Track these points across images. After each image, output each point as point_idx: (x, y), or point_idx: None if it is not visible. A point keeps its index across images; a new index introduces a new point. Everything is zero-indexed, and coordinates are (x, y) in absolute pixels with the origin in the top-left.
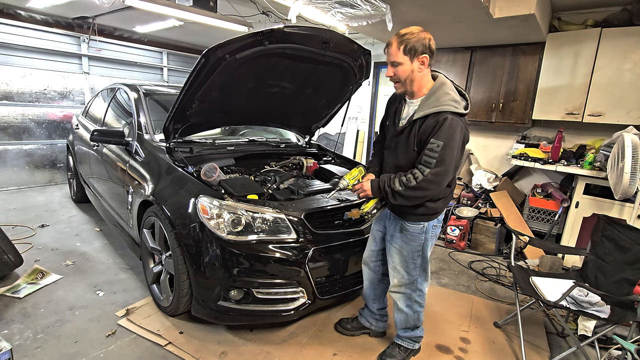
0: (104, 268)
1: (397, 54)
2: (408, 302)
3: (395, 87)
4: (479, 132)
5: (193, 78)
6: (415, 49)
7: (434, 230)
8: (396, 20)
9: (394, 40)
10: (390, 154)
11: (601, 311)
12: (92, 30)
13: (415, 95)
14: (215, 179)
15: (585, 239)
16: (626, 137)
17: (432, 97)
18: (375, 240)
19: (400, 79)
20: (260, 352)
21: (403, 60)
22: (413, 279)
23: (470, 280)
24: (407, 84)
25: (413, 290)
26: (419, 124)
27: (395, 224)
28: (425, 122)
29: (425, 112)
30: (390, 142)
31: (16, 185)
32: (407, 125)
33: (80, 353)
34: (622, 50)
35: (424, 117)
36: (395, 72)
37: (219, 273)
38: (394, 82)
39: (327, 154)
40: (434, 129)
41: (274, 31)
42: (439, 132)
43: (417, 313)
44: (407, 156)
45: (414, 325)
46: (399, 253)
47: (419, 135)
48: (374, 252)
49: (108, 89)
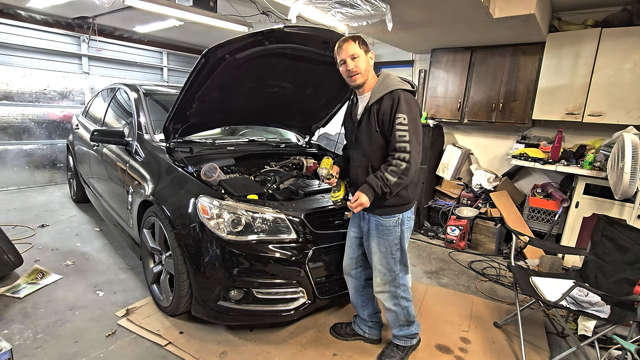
0: (104, 268)
1: (355, 47)
2: (394, 299)
3: (355, 79)
4: (479, 132)
5: (193, 78)
6: (366, 45)
7: (408, 222)
8: (396, 20)
9: (347, 40)
10: (355, 150)
11: (601, 311)
12: (92, 30)
13: (366, 88)
14: (215, 179)
15: (585, 239)
16: (626, 137)
17: (381, 85)
18: (352, 246)
19: (360, 69)
20: (260, 352)
21: (360, 52)
22: (395, 275)
23: (470, 280)
24: (365, 73)
25: (397, 286)
26: (375, 107)
27: (370, 223)
28: (382, 103)
29: (380, 95)
30: (351, 139)
31: (16, 185)
32: (364, 113)
33: (80, 353)
34: (622, 50)
35: (379, 100)
36: (357, 64)
37: (219, 273)
38: (353, 74)
39: (327, 154)
40: (392, 106)
41: (274, 31)
42: (398, 106)
43: (405, 309)
44: (371, 140)
45: (407, 321)
46: (378, 250)
47: (379, 116)
48: (353, 260)
49: (108, 89)
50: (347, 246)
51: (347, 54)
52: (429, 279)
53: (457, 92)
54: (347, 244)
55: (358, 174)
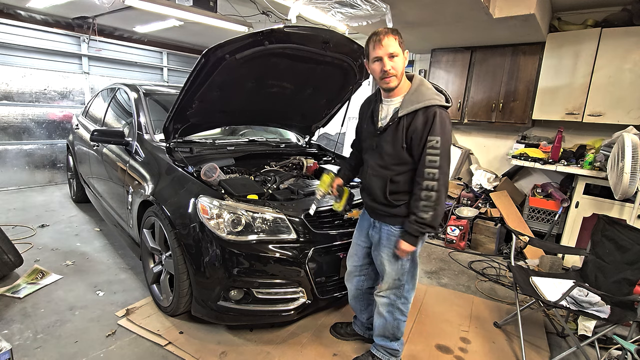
0: (104, 268)
1: (395, 44)
2: (390, 308)
3: (389, 82)
4: (479, 132)
5: (193, 78)
6: (404, 42)
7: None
8: (396, 20)
9: (388, 34)
10: (372, 157)
11: (601, 311)
12: (92, 30)
13: (396, 92)
14: (215, 179)
15: (585, 239)
16: (626, 137)
17: (415, 93)
18: (358, 254)
19: (398, 71)
20: (260, 352)
21: (399, 51)
22: (400, 284)
23: (470, 280)
24: (401, 76)
25: (398, 297)
26: (406, 120)
27: (381, 232)
28: (415, 118)
29: (414, 108)
30: (369, 143)
31: (16, 185)
32: (391, 123)
33: (80, 353)
34: (622, 50)
35: (412, 113)
36: (395, 65)
37: (219, 273)
38: (389, 76)
39: (327, 154)
40: (426, 125)
41: (274, 31)
42: (432, 127)
43: (397, 321)
44: (395, 154)
45: (392, 334)
46: (388, 261)
47: (409, 132)
48: (357, 268)
49: (108, 89)
50: (352, 254)
51: (386, 51)
52: (429, 279)
53: (457, 92)
54: (352, 252)
55: (372, 183)
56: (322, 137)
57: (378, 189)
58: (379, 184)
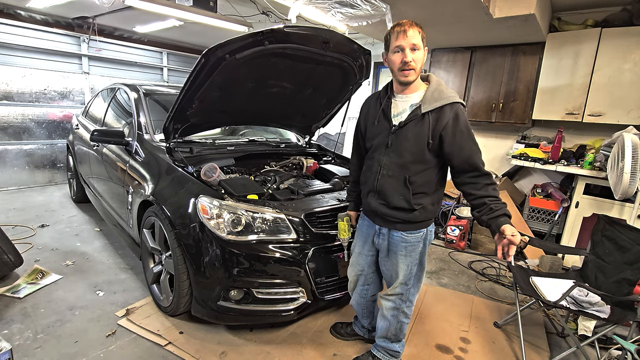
0: (104, 268)
1: (419, 38)
2: (395, 311)
3: (408, 75)
4: (479, 132)
5: (193, 78)
6: (425, 39)
7: (430, 236)
8: (396, 20)
9: (413, 25)
10: (386, 156)
11: (601, 311)
12: (92, 30)
13: (412, 88)
14: (215, 179)
15: (585, 239)
16: (626, 137)
17: (436, 91)
18: (363, 265)
19: (417, 65)
20: (260, 352)
21: (422, 45)
22: (407, 288)
23: (470, 280)
24: (418, 71)
25: (403, 300)
26: (433, 116)
27: (389, 239)
28: (442, 113)
29: (438, 104)
30: (381, 140)
31: (16, 185)
32: (414, 118)
33: (80, 353)
34: (622, 50)
35: (438, 110)
36: (415, 58)
37: (219, 273)
38: (408, 68)
39: (327, 154)
40: (455, 120)
41: (274, 31)
42: (460, 121)
43: (400, 324)
44: (416, 150)
45: (395, 337)
46: (397, 268)
47: (437, 129)
48: (361, 278)
49: (108, 89)
50: (355, 262)
51: (410, 42)
52: (429, 279)
53: (457, 92)
54: (355, 261)
55: (385, 184)
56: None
57: (394, 191)
58: (395, 185)
